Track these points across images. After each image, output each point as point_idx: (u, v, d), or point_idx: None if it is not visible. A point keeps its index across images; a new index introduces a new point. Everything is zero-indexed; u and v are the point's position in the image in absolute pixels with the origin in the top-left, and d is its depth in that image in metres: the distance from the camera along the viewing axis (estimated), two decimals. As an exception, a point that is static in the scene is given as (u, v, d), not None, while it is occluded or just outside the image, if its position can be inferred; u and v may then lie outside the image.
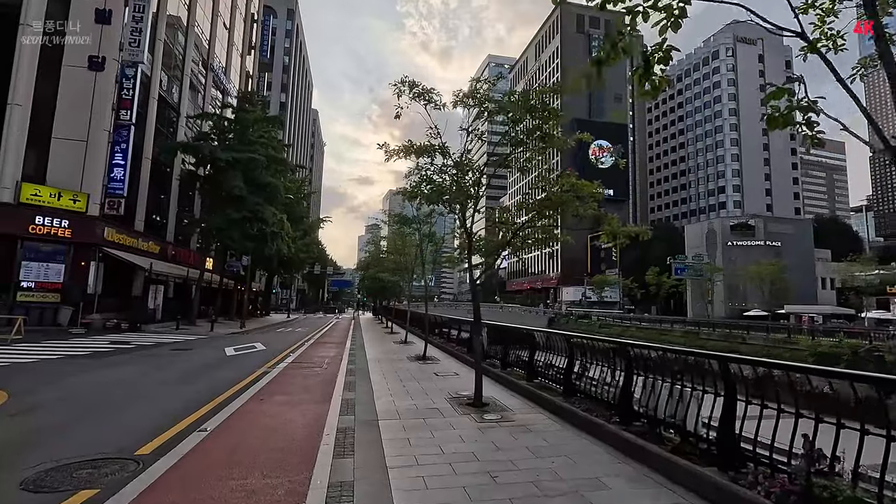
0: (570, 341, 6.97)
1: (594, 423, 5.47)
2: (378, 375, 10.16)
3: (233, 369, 11.86)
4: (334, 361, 12.98)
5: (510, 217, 7.98)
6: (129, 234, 25.06)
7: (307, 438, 5.49)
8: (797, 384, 3.40)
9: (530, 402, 7.39)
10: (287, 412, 6.91)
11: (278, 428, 6.03)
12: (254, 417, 6.59)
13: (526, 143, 6.84)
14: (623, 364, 5.50)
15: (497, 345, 10.80)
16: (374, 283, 30.97)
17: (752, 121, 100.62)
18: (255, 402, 7.61)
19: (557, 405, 6.61)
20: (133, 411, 7.18)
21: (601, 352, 6.22)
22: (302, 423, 6.22)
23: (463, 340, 13.87)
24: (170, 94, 30.26)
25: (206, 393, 8.42)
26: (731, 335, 31.90)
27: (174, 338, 20.18)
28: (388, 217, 17.85)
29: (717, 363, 4.06)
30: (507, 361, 9.76)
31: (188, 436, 5.62)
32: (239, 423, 6.27)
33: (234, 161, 26.28)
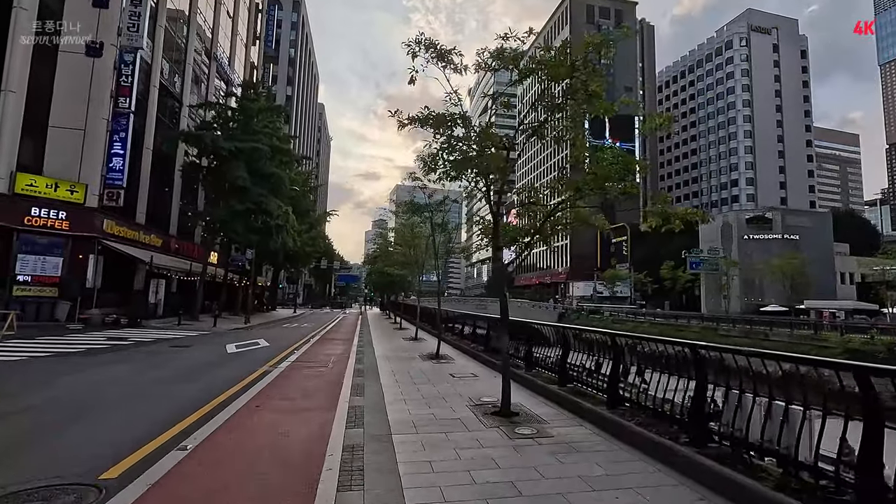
0: (618, 341, 5.95)
1: (658, 443, 4.45)
2: (388, 377, 9.20)
3: (232, 368, 10.98)
4: (340, 360, 12.05)
5: (542, 197, 6.92)
6: (130, 226, 24.29)
7: (306, 462, 4.53)
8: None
9: (566, 411, 6.39)
10: (285, 423, 5.96)
11: (272, 446, 5.08)
12: (245, 430, 5.64)
13: (565, 108, 5.81)
14: (694, 371, 4.47)
15: (519, 343, 9.80)
16: (382, 277, 30.07)
17: (766, 112, 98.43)
18: (251, 409, 6.67)
19: (601, 416, 5.61)
20: (115, 418, 6.29)
21: (661, 356, 5.20)
22: (301, 439, 5.27)
23: (479, 337, 12.89)
24: (171, 83, 29.40)
25: (199, 396, 7.52)
26: (753, 332, 30.67)
27: (175, 334, 19.39)
28: (396, 207, 16.85)
29: (852, 375, 3.02)
30: (532, 361, 8.75)
31: (167, 454, 4.69)
32: (227, 437, 5.33)
33: (237, 151, 25.40)
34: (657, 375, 5.18)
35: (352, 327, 25.86)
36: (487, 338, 11.73)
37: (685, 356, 4.63)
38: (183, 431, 5.56)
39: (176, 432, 5.48)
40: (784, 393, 3.59)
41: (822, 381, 3.30)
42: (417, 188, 11.86)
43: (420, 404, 6.83)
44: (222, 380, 9.25)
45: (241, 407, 6.78)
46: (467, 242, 24.41)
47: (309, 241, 42.56)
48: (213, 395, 7.60)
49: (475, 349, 12.40)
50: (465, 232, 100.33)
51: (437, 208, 12.82)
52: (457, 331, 15.96)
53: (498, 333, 6.62)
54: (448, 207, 12.66)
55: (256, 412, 6.50)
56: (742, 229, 55.31)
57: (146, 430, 5.52)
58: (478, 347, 12.48)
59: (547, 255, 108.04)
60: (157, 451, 4.85)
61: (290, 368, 10.72)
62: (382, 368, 10.24)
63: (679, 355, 4.77)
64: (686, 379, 4.57)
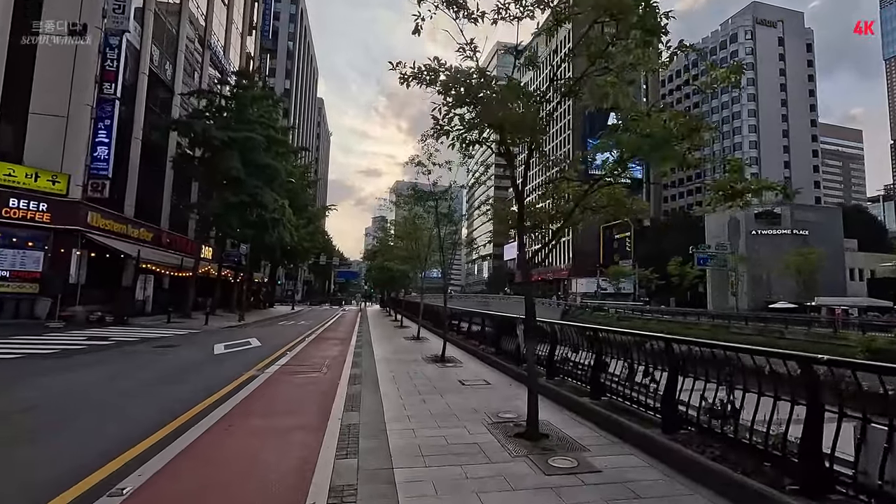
0: (676, 348, 4.79)
1: (754, 489, 3.30)
2: (389, 384, 8.06)
3: (215, 373, 9.86)
4: (336, 363, 10.90)
5: (570, 171, 5.71)
6: (117, 219, 23.11)
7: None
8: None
9: (606, 432, 5.24)
10: (260, 450, 4.82)
11: (237, 485, 3.94)
12: (207, 462, 4.50)
13: (611, 55, 4.64)
14: (805, 393, 3.31)
15: (539, 345, 8.67)
16: (382, 273, 28.94)
17: (771, 107, 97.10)
18: (222, 429, 5.52)
19: (655, 443, 4.46)
20: (63, 440, 5.18)
21: (740, 370, 4.04)
22: (276, 477, 4.11)
23: (487, 337, 11.74)
24: (162, 70, 28.15)
25: (168, 409, 6.40)
26: (767, 330, 29.51)
27: (162, 332, 18.27)
28: (396, 198, 15.67)
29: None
30: (554, 367, 7.61)
31: (98, 498, 3.56)
32: (181, 473, 4.18)
33: (230, 140, 24.19)
34: (746, 396, 4.02)
35: (350, 325, 24.73)
36: (498, 338, 10.58)
37: (791, 375, 3.46)
38: (133, 460, 4.43)
39: (121, 464, 4.33)
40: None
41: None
42: (421, 173, 10.71)
43: (427, 422, 5.68)
44: (202, 387, 8.14)
45: (212, 425, 5.64)
46: (468, 237, 23.15)
47: (307, 236, 41.37)
48: (186, 408, 6.47)
49: (484, 351, 11.25)
50: (466, 228, 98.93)
51: (443, 196, 11.64)
52: (462, 330, 14.81)
53: (526, 338, 5.45)
54: (454, 195, 11.49)
55: (228, 434, 5.36)
56: (750, 224, 54.05)
57: (86, 459, 4.39)
58: (486, 349, 11.33)
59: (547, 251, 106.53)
60: (91, 491, 3.71)
61: (279, 373, 9.58)
62: (382, 374, 9.10)
63: (782, 372, 3.59)
64: (793, 402, 3.40)
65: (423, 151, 10.12)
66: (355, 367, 9.89)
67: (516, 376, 8.51)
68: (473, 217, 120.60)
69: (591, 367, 6.37)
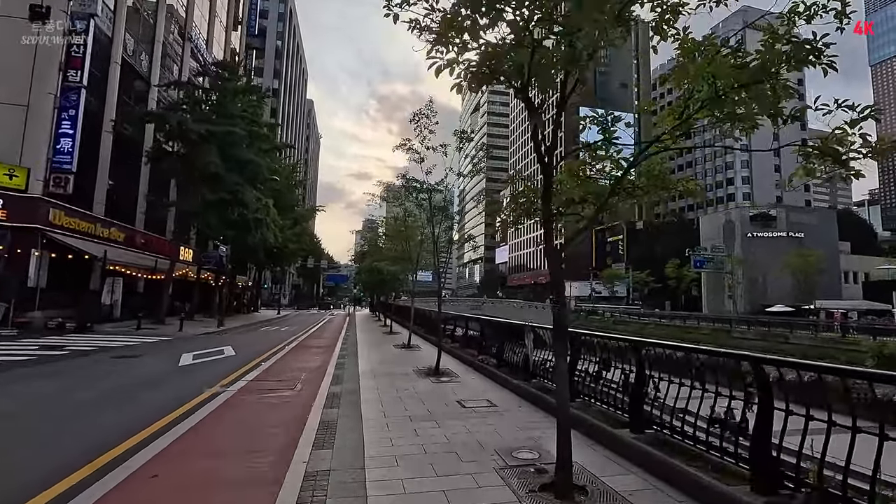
0: (765, 371, 3.45)
1: None
2: (374, 407, 6.65)
3: (170, 390, 8.41)
4: (314, 377, 9.45)
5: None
6: (84, 218, 21.42)
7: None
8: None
9: (665, 483, 3.89)
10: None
11: None
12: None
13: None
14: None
15: (545, 356, 7.34)
16: (371, 276, 27.48)
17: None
18: (142, 480, 4.08)
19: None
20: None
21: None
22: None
23: (488, 346, 10.37)
24: (137, 61, 26.52)
25: (94, 442, 5.01)
26: (770, 334, 28.52)
27: (129, 340, 16.67)
28: (386, 192, 14.26)
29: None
30: (575, 388, 6.25)
31: None
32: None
33: (208, 134, 22.64)
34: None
35: (336, 331, 23.23)
36: (500, 348, 9.22)
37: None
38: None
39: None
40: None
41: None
42: (413, 160, 9.37)
43: (421, 468, 4.28)
44: (149, 408, 6.72)
45: (134, 471, 4.21)
46: (465, 234, 21.32)
47: (293, 237, 39.75)
48: (119, 440, 5.05)
49: (484, 362, 9.87)
50: (457, 225, 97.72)
51: (436, 188, 10.28)
52: (457, 336, 13.43)
53: (556, 354, 4.07)
54: (450, 186, 10.15)
55: (148, 487, 3.92)
56: (745, 227, 53.43)
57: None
58: (486, 360, 9.95)
59: (539, 254, 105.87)
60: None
61: (245, 390, 8.13)
62: (367, 393, 7.69)
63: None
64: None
65: (417, 133, 8.80)
66: (335, 384, 8.47)
67: (526, 395, 7.16)
68: (466, 211, 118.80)
69: (628, 389, 5.02)
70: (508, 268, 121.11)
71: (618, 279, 61.89)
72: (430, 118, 8.84)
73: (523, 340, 8.14)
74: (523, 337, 8.09)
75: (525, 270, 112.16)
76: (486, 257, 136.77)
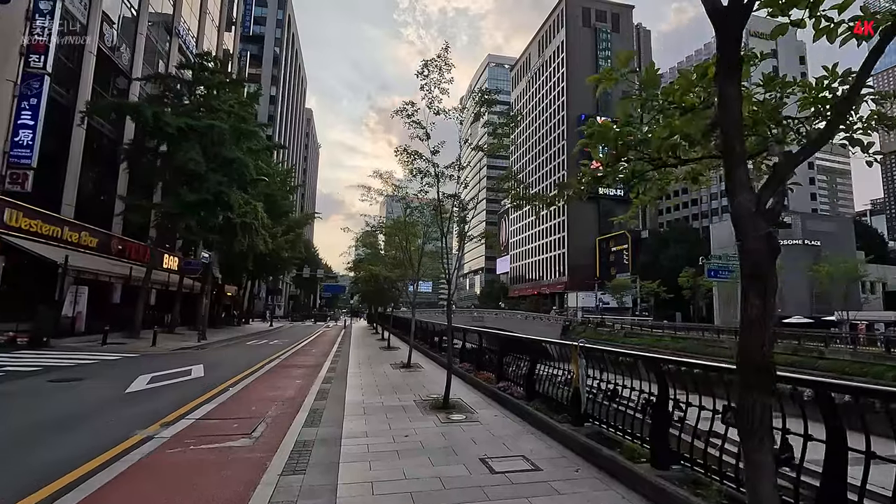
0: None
1: None
2: (358, 475, 4.41)
3: (90, 434, 6.25)
4: (284, 414, 7.21)
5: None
6: (48, 220, 19.26)
7: None
8: None
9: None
10: None
11: None
12: None
13: None
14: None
15: (609, 384, 5.13)
16: (369, 284, 25.26)
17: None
18: None
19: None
20: None
21: None
22: None
23: (509, 369, 8.14)
24: (116, 53, 24.60)
25: None
26: (803, 348, 26.20)
27: (87, 358, 14.43)
28: (383, 181, 12.11)
29: None
30: (583, 411, 4.05)
31: None
32: None
33: (188, 128, 20.56)
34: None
35: (328, 346, 20.93)
36: (531, 375, 7.00)
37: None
38: None
39: None
40: None
41: None
42: (416, 137, 7.29)
43: None
44: (32, 468, 4.50)
45: None
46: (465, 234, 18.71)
47: (286, 244, 37.53)
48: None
49: (506, 391, 7.63)
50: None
51: (445, 174, 8.12)
52: (468, 353, 11.20)
53: (741, 431, 1.78)
54: (467, 164, 7.98)
55: None
56: (759, 235, 51.25)
57: None
58: (510, 388, 7.71)
59: (540, 265, 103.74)
60: None
61: (182, 438, 5.88)
62: (350, 443, 5.46)
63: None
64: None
65: (424, 95, 6.70)
66: (310, 425, 6.24)
67: (580, 449, 4.93)
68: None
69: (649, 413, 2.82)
70: (510, 278, 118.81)
71: (626, 289, 59.55)
72: (444, 70, 6.74)
73: (566, 366, 5.94)
74: (567, 360, 5.90)
75: (526, 281, 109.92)
76: (487, 268, 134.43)
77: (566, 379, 5.91)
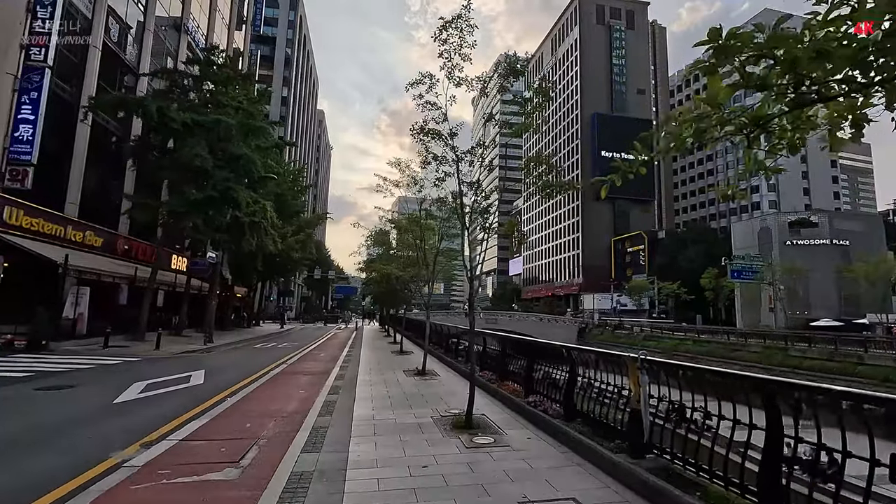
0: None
1: None
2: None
3: (59, 454, 5.40)
4: (281, 434, 6.24)
5: None
6: (51, 219, 18.66)
7: None
8: None
9: None
10: None
11: None
12: None
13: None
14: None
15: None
16: (380, 285, 24.34)
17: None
18: None
19: None
20: None
21: None
22: None
23: (542, 383, 7.08)
24: (122, 48, 24.06)
25: None
26: (839, 353, 24.65)
27: (85, 362, 13.71)
28: (402, 175, 11.16)
29: None
30: (645, 441, 2.98)
31: None
32: None
33: (194, 124, 19.86)
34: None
35: (338, 350, 20.04)
36: (570, 391, 5.94)
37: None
38: None
39: None
40: None
41: None
42: (423, 105, 6.30)
43: None
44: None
45: None
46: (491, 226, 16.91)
47: (296, 244, 36.80)
48: None
49: (538, 406, 6.58)
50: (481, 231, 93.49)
51: (473, 152, 7.10)
52: (489, 360, 10.15)
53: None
54: (491, 143, 6.97)
55: None
56: (783, 234, 49.40)
57: None
58: (542, 402, 6.65)
59: (554, 266, 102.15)
60: None
61: (159, 464, 4.94)
62: (356, 476, 4.46)
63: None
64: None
65: (443, 64, 5.73)
66: (310, 449, 5.27)
67: (645, 490, 3.88)
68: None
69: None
70: (523, 280, 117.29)
71: (645, 290, 57.89)
72: (465, 32, 5.75)
73: (619, 380, 4.89)
74: (620, 374, 4.84)
75: (539, 283, 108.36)
76: (499, 269, 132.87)
77: (620, 397, 4.85)
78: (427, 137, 6.57)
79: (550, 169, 6.88)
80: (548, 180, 7.34)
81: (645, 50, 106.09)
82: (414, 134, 6.60)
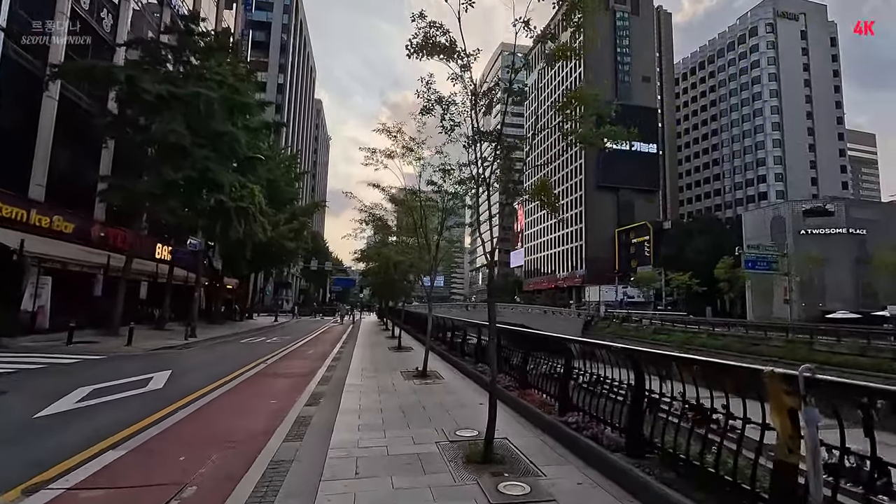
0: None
1: None
2: None
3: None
4: (225, 473, 4.45)
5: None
6: (9, 200, 16.79)
7: None
8: None
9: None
10: None
11: None
12: None
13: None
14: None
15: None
16: (378, 276, 22.57)
17: (795, 103, 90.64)
18: None
19: None
20: None
21: None
22: None
23: (583, 395, 5.26)
24: (96, 18, 22.04)
25: None
26: (872, 347, 22.88)
27: (38, 361, 11.93)
28: (395, 143, 9.37)
29: None
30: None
31: None
32: None
33: (169, 96, 17.92)
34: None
35: (330, 345, 18.27)
36: (639, 414, 4.13)
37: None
38: None
39: None
40: None
41: None
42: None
43: None
44: None
45: None
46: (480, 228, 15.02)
47: (289, 233, 34.91)
48: None
49: (581, 430, 4.78)
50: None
51: (493, 91, 5.27)
52: (504, 362, 8.34)
53: None
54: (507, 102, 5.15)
55: None
56: (798, 223, 47.48)
57: None
58: (589, 425, 4.85)
59: (556, 258, 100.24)
60: None
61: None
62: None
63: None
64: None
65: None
66: (264, 495, 3.47)
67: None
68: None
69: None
70: (524, 272, 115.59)
71: (653, 282, 56.06)
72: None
73: (738, 414, 3.06)
74: (751, 397, 3.01)
75: (542, 275, 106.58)
76: (501, 261, 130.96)
77: (742, 438, 3.02)
78: (431, 57, 4.71)
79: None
80: (587, 131, 5.48)
81: (650, 37, 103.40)
82: (411, 52, 4.73)
